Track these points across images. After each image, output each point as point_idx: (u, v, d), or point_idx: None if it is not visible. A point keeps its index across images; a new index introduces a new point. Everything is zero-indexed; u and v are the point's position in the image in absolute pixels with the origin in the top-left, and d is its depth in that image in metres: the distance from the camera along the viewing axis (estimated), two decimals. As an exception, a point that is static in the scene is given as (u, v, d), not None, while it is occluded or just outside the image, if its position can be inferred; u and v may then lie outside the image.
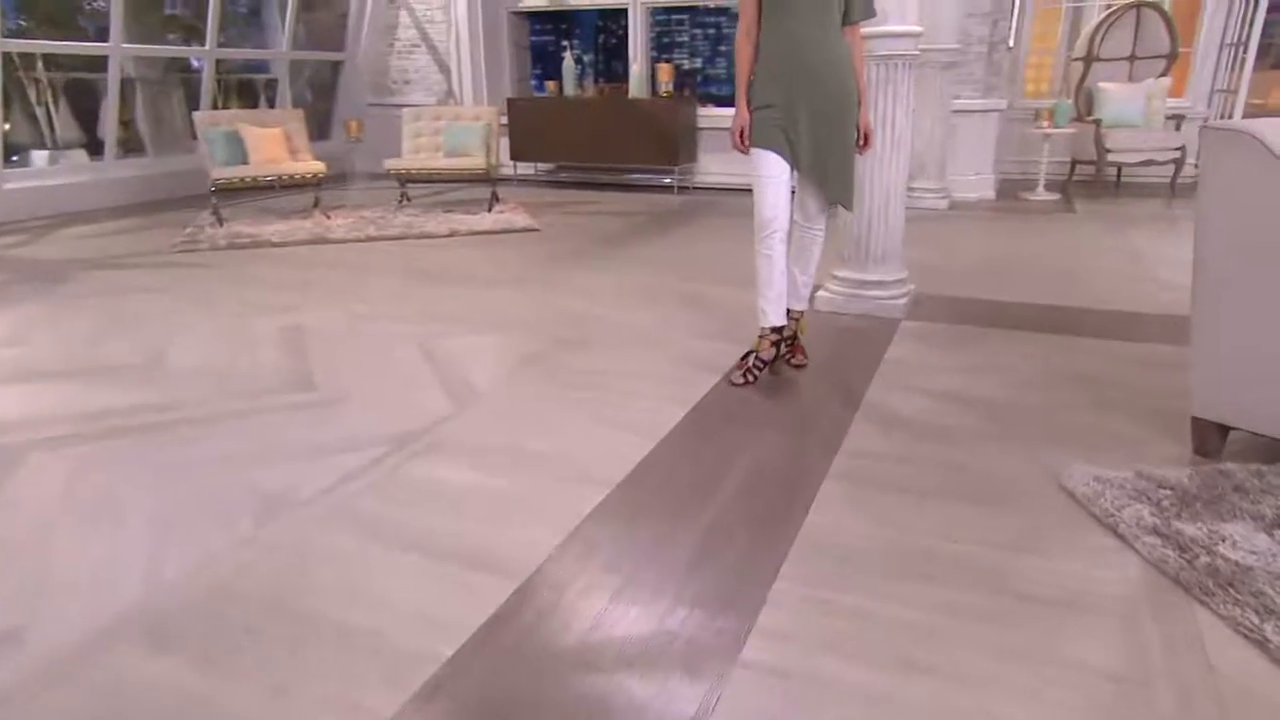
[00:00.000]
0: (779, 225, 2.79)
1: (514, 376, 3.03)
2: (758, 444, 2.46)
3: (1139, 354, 3.15)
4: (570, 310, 3.85)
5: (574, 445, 2.46)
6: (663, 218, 6.39)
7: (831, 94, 2.69)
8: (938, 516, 2.03)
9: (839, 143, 2.74)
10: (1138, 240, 5.30)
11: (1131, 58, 7.26)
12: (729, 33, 9.24)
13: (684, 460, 2.36)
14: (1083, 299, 3.91)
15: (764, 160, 2.74)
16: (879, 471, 2.27)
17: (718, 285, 4.24)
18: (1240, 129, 2.06)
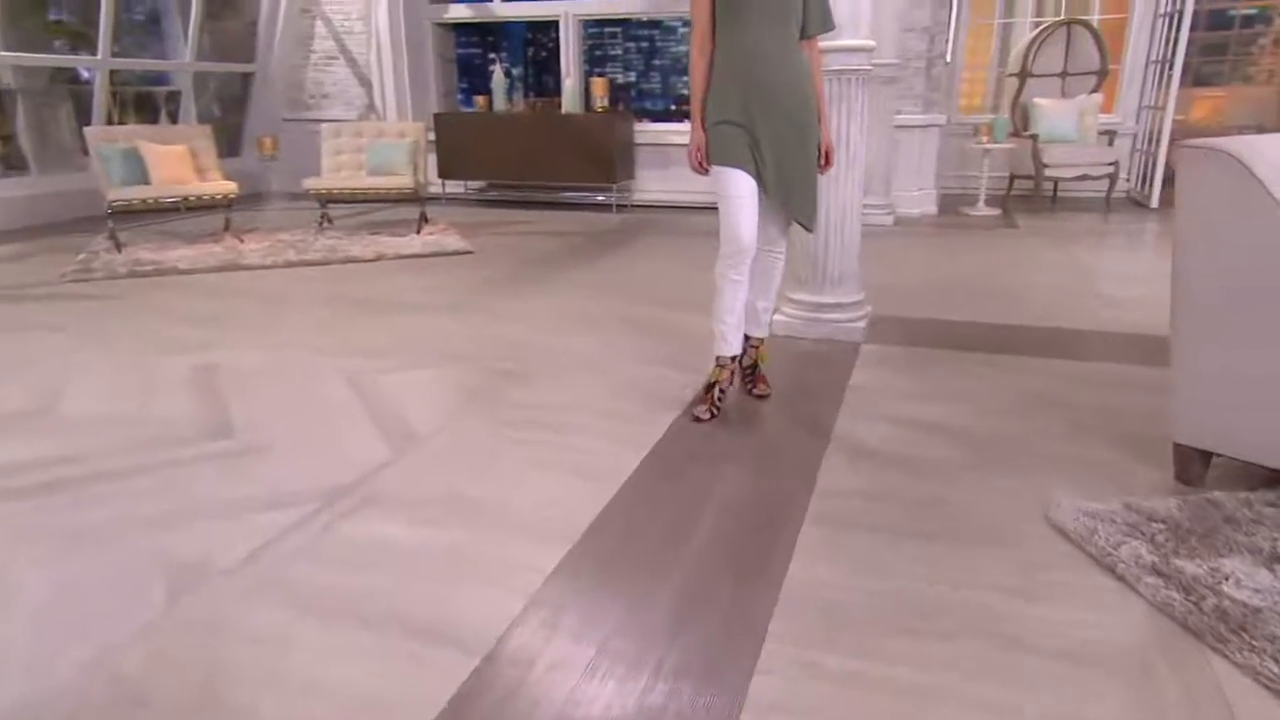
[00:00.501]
0: (751, 248, 2.70)
1: (456, 416, 2.86)
2: (727, 484, 2.35)
3: (1103, 375, 3.17)
4: (511, 339, 3.69)
5: (528, 493, 2.30)
6: (601, 237, 6.28)
7: (792, 112, 2.61)
8: (925, 560, 1.95)
9: (802, 162, 2.68)
10: (1082, 256, 5.42)
11: (1064, 74, 7.50)
12: (663, 46, 9.26)
13: (650, 506, 2.23)
14: (1038, 318, 3.94)
15: (732, 179, 2.64)
16: (858, 511, 2.19)
17: (666, 309, 4.14)
18: (1218, 148, 2.05)
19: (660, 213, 7.43)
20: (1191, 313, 2.19)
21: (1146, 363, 3.26)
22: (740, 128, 2.60)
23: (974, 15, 8.37)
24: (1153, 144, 7.27)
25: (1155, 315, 3.89)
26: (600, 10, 8.22)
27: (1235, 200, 2.04)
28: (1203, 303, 2.15)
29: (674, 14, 8.44)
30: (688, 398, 2.97)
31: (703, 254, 5.63)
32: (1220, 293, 2.11)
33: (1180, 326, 2.22)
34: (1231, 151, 2.03)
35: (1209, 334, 2.16)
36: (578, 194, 7.91)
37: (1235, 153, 2.02)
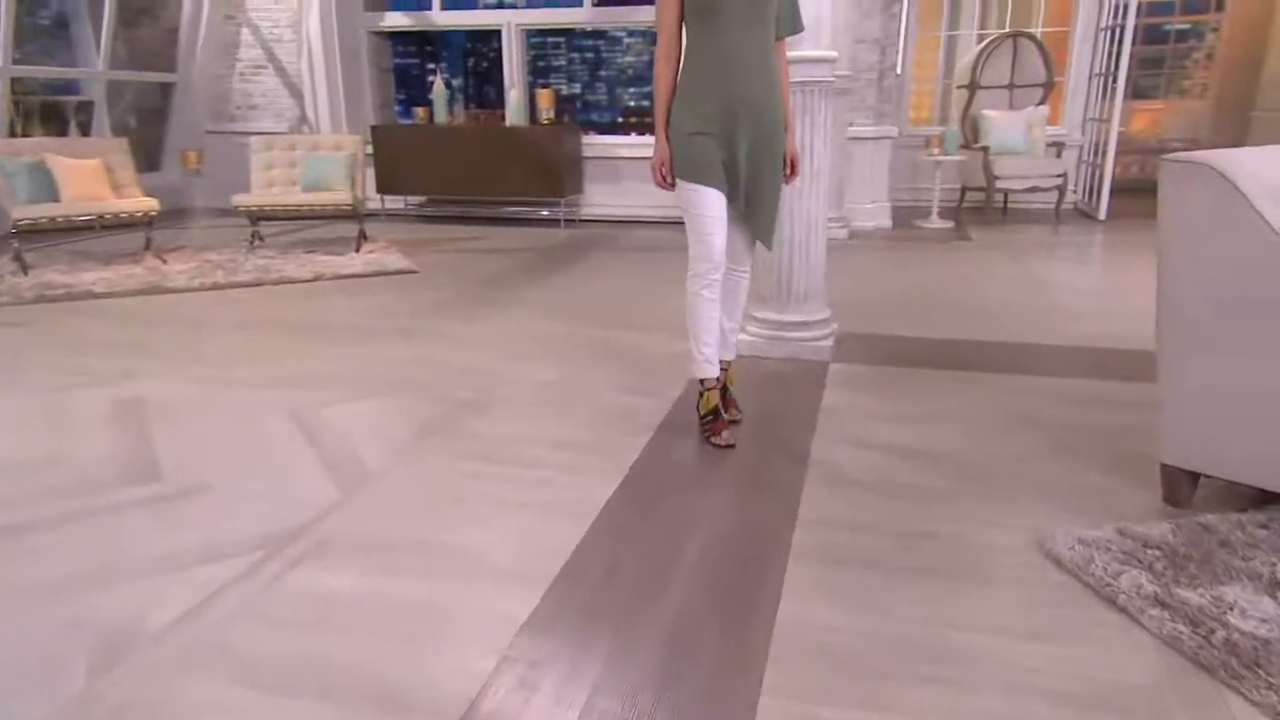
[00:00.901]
0: (723, 265, 2.64)
1: (411, 451, 2.71)
2: (705, 518, 2.26)
3: (1078, 391, 3.18)
4: (465, 365, 3.56)
5: (494, 535, 2.18)
6: (552, 254, 6.18)
7: (768, 123, 2.54)
8: (920, 598, 1.89)
9: (770, 175, 2.60)
10: (1039, 269, 5.50)
11: (1010, 86, 7.68)
12: (609, 57, 9.23)
13: (626, 543, 2.13)
14: (1004, 333, 3.96)
15: (704, 197, 2.56)
16: (845, 545, 2.12)
17: (624, 330, 4.06)
18: (1201, 161, 2.05)
19: (610, 227, 7.35)
20: (1177, 330, 2.18)
21: (1120, 378, 3.29)
22: (715, 140, 2.51)
23: (920, 27, 8.53)
24: (1099, 156, 7.47)
25: (1119, 329, 3.96)
26: (543, 20, 8.14)
27: (1219, 214, 2.04)
28: (1188, 319, 2.15)
29: (618, 24, 8.42)
30: (656, 424, 2.88)
31: (657, 270, 5.59)
32: (1206, 308, 2.11)
33: (1166, 344, 2.21)
34: (1215, 165, 2.03)
35: (1195, 351, 2.15)
36: (524, 209, 7.79)
37: (1219, 167, 2.03)
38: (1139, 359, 3.52)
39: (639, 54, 8.73)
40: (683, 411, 2.99)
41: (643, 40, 8.85)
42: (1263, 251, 1.99)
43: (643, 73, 9.00)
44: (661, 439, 2.78)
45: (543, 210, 7.70)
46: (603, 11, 7.85)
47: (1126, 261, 5.69)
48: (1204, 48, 9.94)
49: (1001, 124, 7.30)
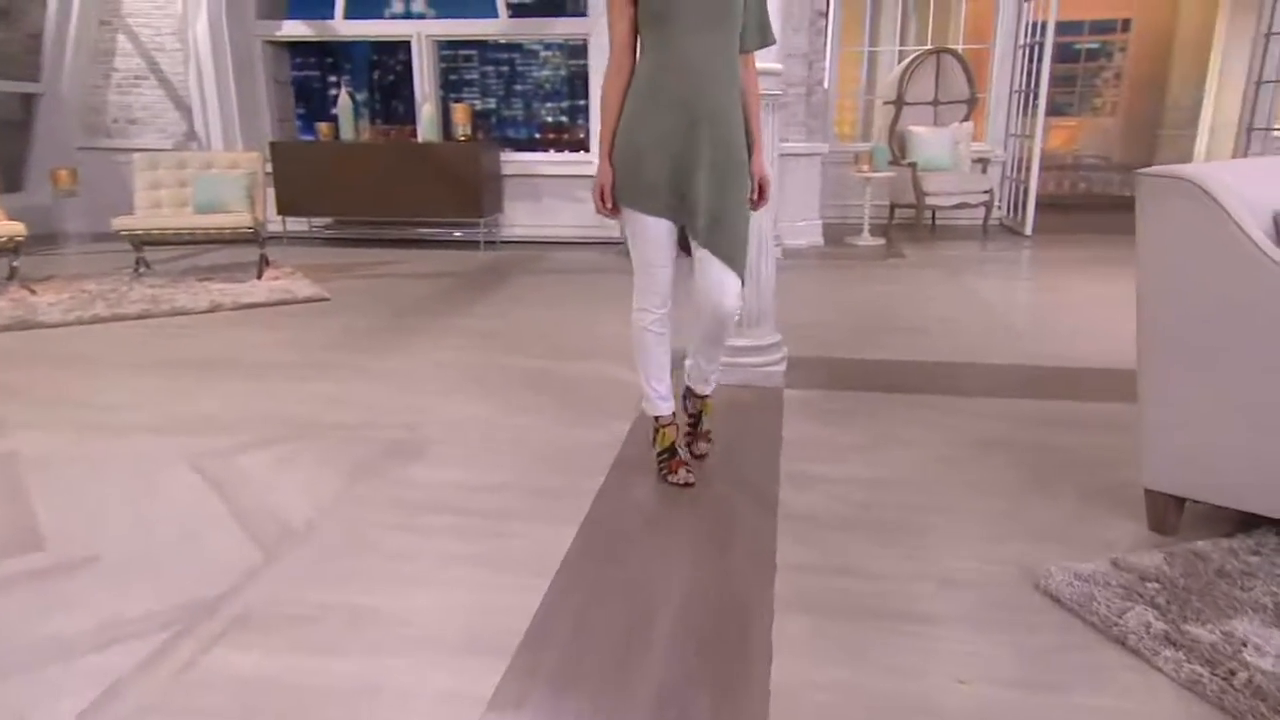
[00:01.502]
0: (669, 300, 2.50)
1: (340, 502, 2.50)
2: (677, 567, 2.13)
3: (1041, 413, 3.18)
4: (392, 402, 3.35)
5: (443, 597, 2.00)
6: (475, 278, 5.99)
7: (730, 138, 2.37)
8: (920, 648, 1.80)
9: (738, 198, 2.41)
10: (977, 286, 5.60)
11: (935, 102, 7.89)
12: (524, 70, 9.11)
13: (594, 600, 1.98)
14: (954, 353, 3.98)
15: (647, 226, 2.41)
16: (831, 593, 2.02)
17: (562, 360, 3.91)
18: (1180, 175, 2.06)
19: (533, 249, 7.20)
20: (1160, 349, 2.17)
21: (1081, 398, 3.32)
22: (667, 158, 2.34)
23: (841, 43, 8.70)
24: (1023, 172, 7.73)
25: (1068, 347, 4.03)
26: (455, 31, 7.97)
27: (1200, 230, 2.04)
28: (1171, 338, 2.14)
29: (533, 37, 8.31)
30: (608, 462, 2.75)
31: (587, 293, 5.47)
32: (1190, 327, 2.11)
33: (1148, 364, 2.21)
34: (1195, 180, 2.03)
35: (1179, 371, 2.15)
36: (440, 230, 7.57)
37: (1198, 180, 2.03)
38: (1096, 377, 3.59)
39: (556, 68, 8.63)
40: (635, 446, 2.86)
41: (559, 53, 8.75)
42: (1246, 267, 1.99)
43: (560, 87, 8.90)
44: (617, 479, 2.64)
45: (460, 231, 7.50)
46: (519, 23, 7.73)
47: (1061, 278, 5.86)
48: (1113, 67, 10.49)
49: (928, 140, 7.48)
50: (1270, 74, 8.02)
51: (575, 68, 8.13)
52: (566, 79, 8.22)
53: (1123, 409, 3.17)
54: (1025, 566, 2.10)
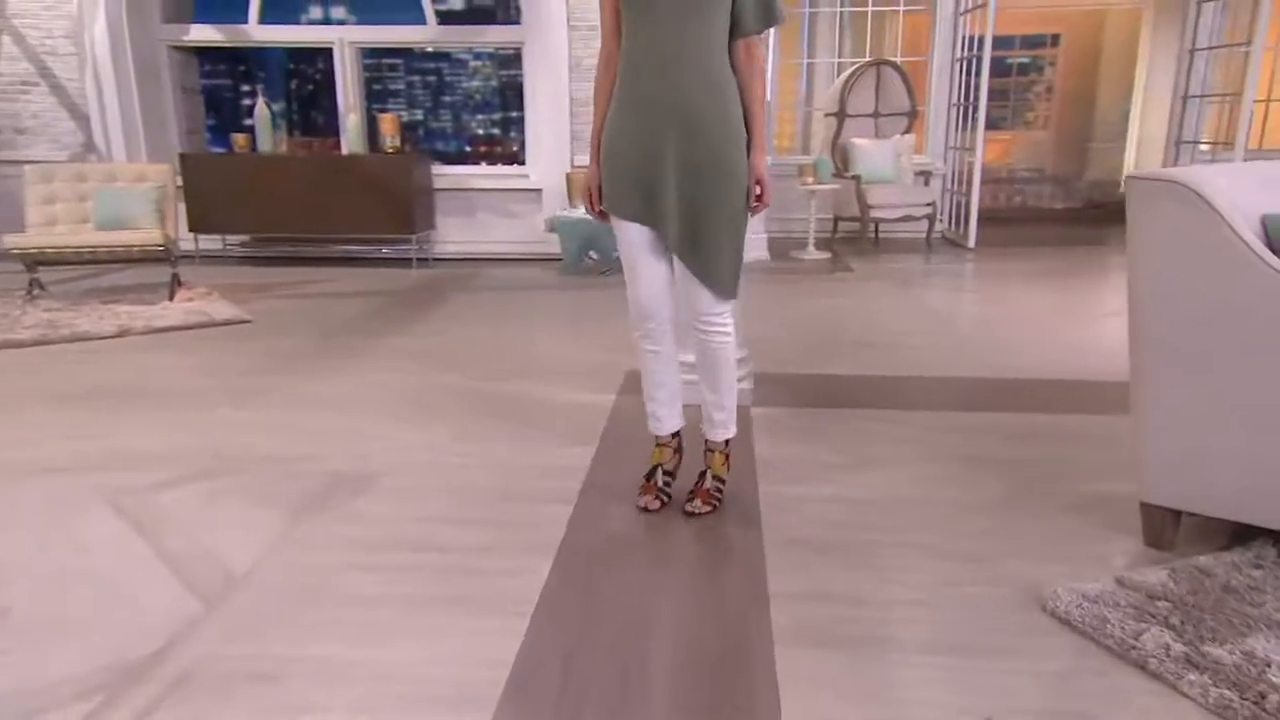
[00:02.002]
0: (659, 315, 2.36)
1: (284, 542, 2.33)
2: (665, 600, 2.03)
3: (1012, 427, 3.18)
4: (333, 430, 3.17)
5: (412, 644, 1.86)
6: (409, 296, 5.80)
7: (709, 136, 2.21)
8: (933, 679, 1.74)
9: (719, 204, 2.23)
10: (931, 299, 5.67)
11: (875, 114, 8.01)
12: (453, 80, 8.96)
13: (580, 642, 1.86)
14: (916, 366, 3.98)
15: (624, 234, 2.32)
16: (830, 621, 1.95)
17: (513, 379, 3.79)
18: (1173, 179, 2.06)
19: (468, 266, 7.04)
20: (1153, 358, 2.17)
21: (1048, 410, 3.34)
22: (632, 162, 2.24)
23: (780, 55, 8.80)
24: (963, 185, 7.91)
25: (1030, 359, 4.08)
26: (381, 39, 7.78)
27: (1194, 234, 2.05)
28: (1167, 347, 2.14)
29: (462, 44, 8.18)
30: (576, 488, 2.64)
31: (531, 311, 5.34)
32: (1186, 335, 2.11)
33: (1143, 374, 2.20)
34: (1186, 182, 2.04)
35: (1173, 380, 2.14)
36: (369, 248, 7.35)
37: (1190, 183, 2.03)
38: (1062, 389, 3.63)
39: (487, 78, 8.51)
40: (604, 471, 2.76)
41: (490, 63, 8.62)
42: (1240, 271, 2.00)
43: (491, 99, 8.77)
44: (588, 506, 2.53)
45: (390, 248, 7.29)
46: (449, 30, 7.60)
47: (1009, 290, 5.97)
48: (1044, 81, 10.87)
49: (871, 152, 7.58)
50: (1195, 89, 8.41)
51: (507, 78, 8.03)
52: (498, 90, 8.11)
53: (1096, 421, 3.22)
54: (1026, 587, 2.06)
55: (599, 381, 3.72)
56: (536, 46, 7.16)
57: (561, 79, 7.09)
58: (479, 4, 6.72)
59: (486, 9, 6.57)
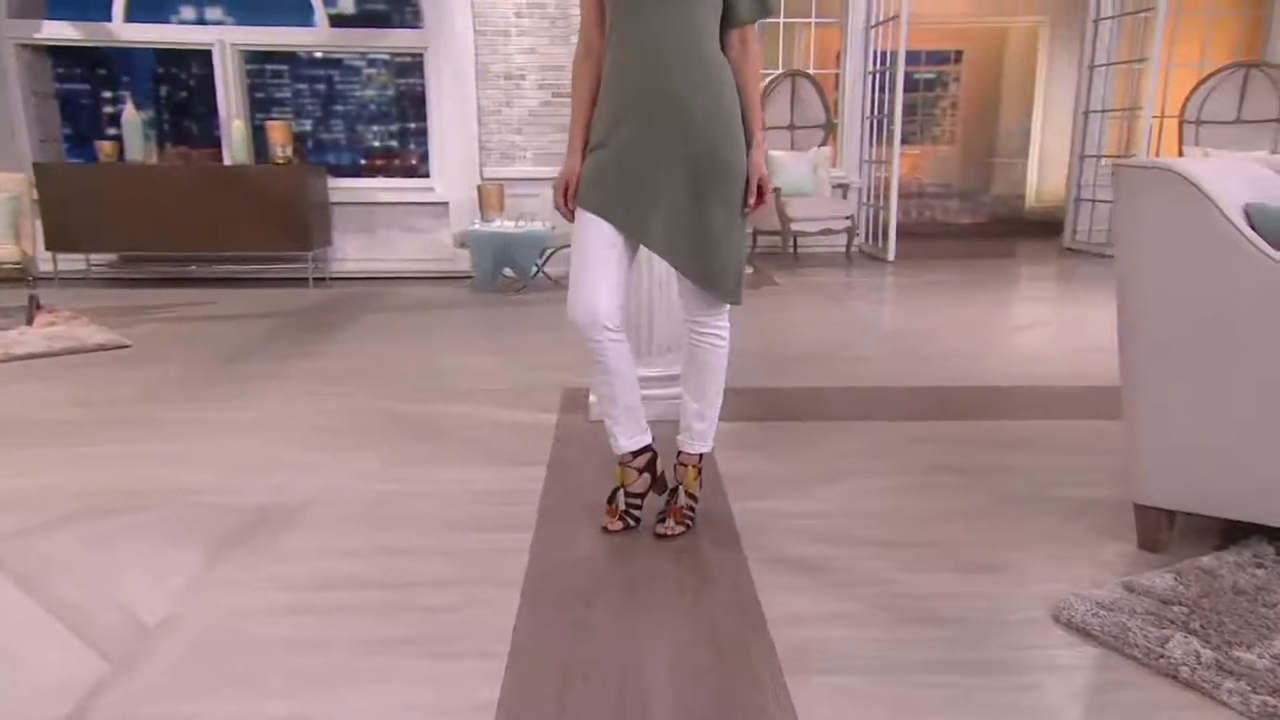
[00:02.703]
0: (601, 320, 2.17)
1: (203, 586, 2.08)
2: (653, 630, 1.89)
3: (977, 434, 3.18)
4: (248, 460, 2.92)
5: (369, 694, 1.66)
6: (312, 318, 5.51)
7: (707, 134, 2.12)
8: (954, 700, 1.65)
9: (720, 205, 2.15)
10: (861, 310, 5.72)
11: (791, 126, 8.13)
12: (344, 89, 8.69)
13: (570, 680, 1.70)
14: (864, 378, 3.97)
15: (583, 228, 2.18)
16: (837, 645, 1.84)
17: (444, 400, 3.60)
18: (1165, 166, 2.07)
19: (371, 285, 6.76)
20: (1146, 354, 2.16)
21: (1007, 417, 3.36)
22: (620, 161, 2.13)
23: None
24: (880, 198, 8.08)
25: (971, 367, 4.13)
26: (266, 41, 7.45)
27: (1187, 223, 2.05)
28: (1160, 342, 2.14)
29: (359, 49, 7.92)
30: (530, 513, 2.47)
31: (448, 330, 5.13)
32: (1180, 329, 2.11)
33: (1135, 372, 2.19)
34: (1178, 170, 2.05)
35: (1166, 375, 2.14)
36: (259, 267, 6.97)
37: (1183, 171, 2.05)
38: (1014, 396, 3.67)
39: (383, 87, 8.24)
40: (560, 493, 2.62)
41: (386, 71, 8.35)
42: (1233, 258, 2.01)
43: (388, 108, 8.49)
44: (550, 532, 2.37)
45: (282, 267, 6.94)
46: (343, 34, 7.33)
47: (937, 301, 6.08)
48: (949, 97, 11.29)
49: (789, 165, 7.67)
50: (1095, 104, 8.85)
51: (405, 87, 7.80)
52: (395, 99, 7.87)
53: (1058, 426, 3.25)
54: (1033, 598, 2.01)
55: (536, 400, 3.56)
56: (441, 52, 6.98)
57: (469, 87, 6.92)
58: (370, 9, 6.54)
59: (379, 13, 6.38)
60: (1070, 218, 9.05)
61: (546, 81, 6.90)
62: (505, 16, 6.80)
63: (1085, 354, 4.34)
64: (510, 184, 6.77)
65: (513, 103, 6.93)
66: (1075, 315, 5.56)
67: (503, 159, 6.98)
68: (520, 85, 6.91)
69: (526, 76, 6.90)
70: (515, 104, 6.93)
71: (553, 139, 6.98)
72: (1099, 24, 8.72)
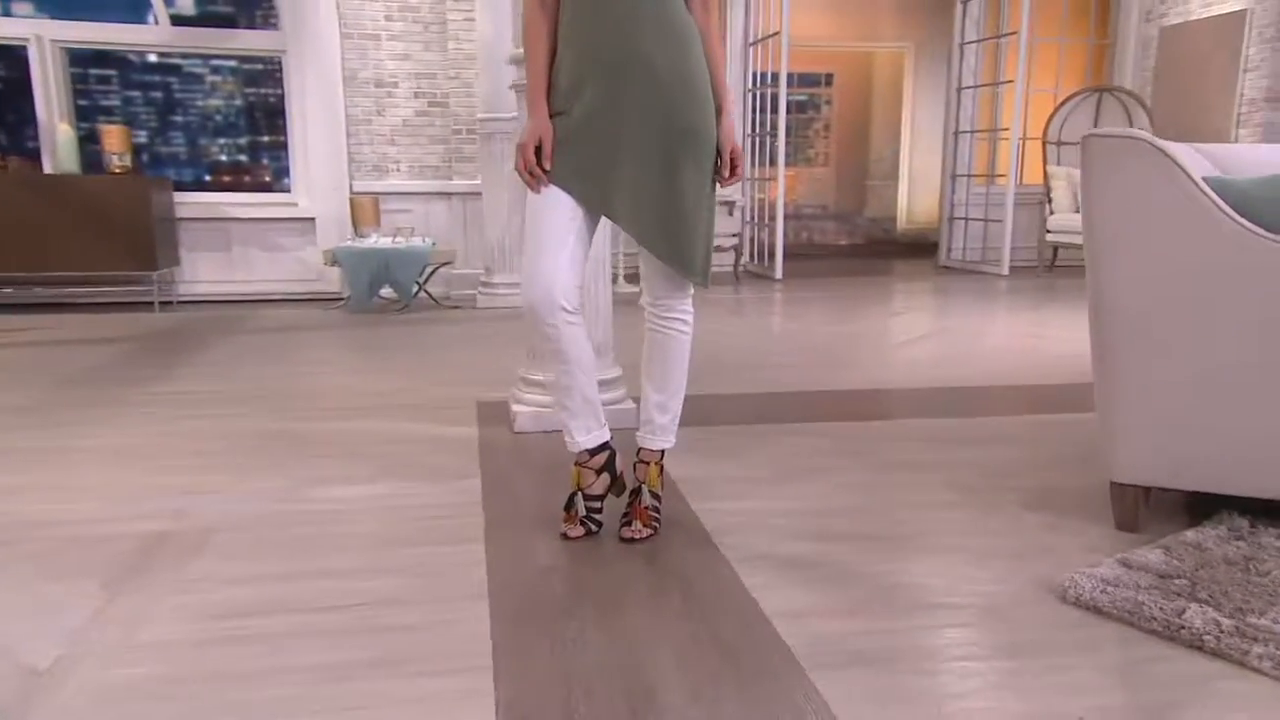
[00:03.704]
0: (559, 300, 2.04)
1: (105, 622, 1.81)
2: (648, 638, 1.76)
3: (919, 431, 3.21)
4: (126, 488, 2.62)
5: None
6: (163, 341, 5.11)
7: (675, 100, 2.04)
8: (997, 685, 1.61)
9: (689, 178, 2.07)
10: (765, 323, 5.77)
11: (674, 143, 8.19)
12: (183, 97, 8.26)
13: (573, 690, 1.55)
14: (789, 385, 3.98)
15: (539, 201, 2.06)
16: (849, 638, 1.77)
17: (343, 418, 3.39)
18: (1133, 135, 2.13)
19: (228, 308, 6.34)
20: (1120, 328, 2.21)
21: (952, 415, 3.43)
22: (579, 121, 2.03)
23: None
24: (764, 218, 8.24)
25: (898, 373, 4.21)
26: (96, 38, 6.92)
27: (1157, 192, 2.12)
28: (1133, 315, 2.19)
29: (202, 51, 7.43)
30: (477, 527, 2.31)
31: (331, 350, 4.83)
32: (1153, 302, 2.16)
33: (1108, 346, 2.24)
34: (1151, 140, 2.12)
35: (1140, 347, 2.19)
36: (91, 290, 6.41)
37: (1155, 141, 2.11)
38: (950, 396, 3.77)
39: (229, 96, 7.84)
40: (503, 504, 2.48)
41: (234, 79, 7.95)
42: (1205, 229, 2.09)
43: (235, 120, 8.08)
44: (504, 543, 2.21)
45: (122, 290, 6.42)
46: (188, 33, 6.91)
47: (839, 313, 6.21)
48: (822, 119, 11.71)
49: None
50: (965, 125, 9.36)
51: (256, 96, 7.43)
52: (244, 110, 7.47)
53: (1000, 421, 3.34)
54: (1030, 580, 2.00)
55: (449, 415, 3.38)
56: (304, 57, 6.67)
57: (335, 94, 6.64)
58: (213, 10, 6.13)
59: (222, 15, 6.01)
60: (945, 236, 9.49)
61: (421, 89, 6.70)
62: (375, 19, 6.58)
63: (986, 356, 4.54)
64: (383, 198, 6.51)
65: (385, 112, 6.69)
66: (964, 323, 5.78)
67: (374, 171, 6.72)
68: (393, 93, 6.69)
69: (399, 84, 6.68)
70: (388, 113, 6.69)
71: (429, 150, 6.78)
72: (965, 48, 9.24)
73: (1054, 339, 5.08)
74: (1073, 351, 4.59)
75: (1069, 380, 3.95)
